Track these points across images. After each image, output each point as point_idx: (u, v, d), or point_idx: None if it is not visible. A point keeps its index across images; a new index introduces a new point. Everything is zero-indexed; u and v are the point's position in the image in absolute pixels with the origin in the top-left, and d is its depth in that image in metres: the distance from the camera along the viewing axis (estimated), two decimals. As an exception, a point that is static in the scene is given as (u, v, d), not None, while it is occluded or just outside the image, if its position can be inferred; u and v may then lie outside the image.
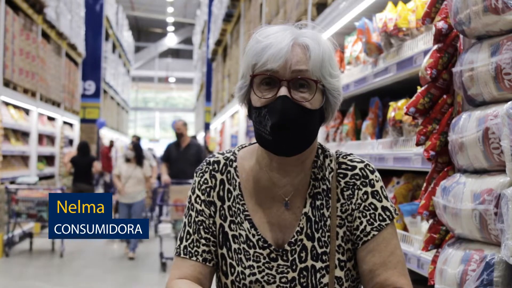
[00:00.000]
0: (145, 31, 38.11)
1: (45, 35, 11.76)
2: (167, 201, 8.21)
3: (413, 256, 2.46)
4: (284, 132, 1.33)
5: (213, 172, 1.46)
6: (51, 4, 11.32)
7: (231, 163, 1.47)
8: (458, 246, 1.89)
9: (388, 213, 1.40)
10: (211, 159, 1.48)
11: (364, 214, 1.40)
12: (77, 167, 10.04)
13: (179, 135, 8.73)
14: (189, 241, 1.42)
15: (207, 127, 20.15)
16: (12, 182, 9.39)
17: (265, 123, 1.34)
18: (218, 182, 1.45)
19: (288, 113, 1.31)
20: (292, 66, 1.32)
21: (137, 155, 8.51)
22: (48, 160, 12.73)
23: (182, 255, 1.42)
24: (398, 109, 2.86)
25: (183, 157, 8.59)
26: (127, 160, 8.54)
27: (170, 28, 35.92)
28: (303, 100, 1.33)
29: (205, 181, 1.46)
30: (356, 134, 3.64)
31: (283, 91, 1.32)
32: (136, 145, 8.66)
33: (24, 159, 10.82)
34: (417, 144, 2.21)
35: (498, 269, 1.63)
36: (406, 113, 2.22)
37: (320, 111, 1.37)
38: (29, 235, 9.00)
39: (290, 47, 1.32)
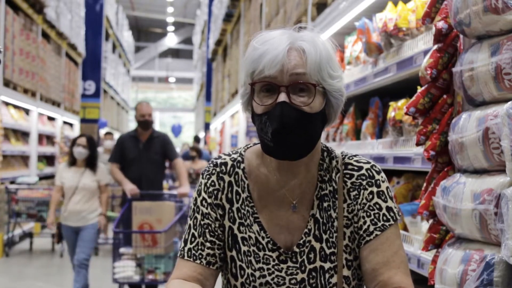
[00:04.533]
0: (145, 31, 38.11)
1: (45, 35, 11.77)
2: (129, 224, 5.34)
3: (413, 256, 2.46)
4: (285, 137, 1.32)
5: (220, 174, 1.45)
6: (51, 4, 11.32)
7: (238, 164, 1.46)
8: (458, 246, 1.89)
9: (392, 214, 1.41)
10: (218, 161, 1.47)
11: (368, 213, 1.40)
12: None
13: (146, 124, 5.88)
14: (194, 244, 1.42)
15: (207, 127, 20.18)
16: (12, 182, 9.40)
17: (266, 130, 1.33)
18: (226, 185, 1.45)
19: (287, 119, 1.31)
20: (290, 70, 1.31)
21: (91, 155, 5.68)
22: (48, 160, 12.75)
23: (186, 258, 1.42)
24: (398, 109, 2.86)
25: (145, 156, 5.87)
26: (72, 163, 5.66)
27: (170, 28, 35.92)
28: (303, 105, 1.32)
29: (212, 184, 1.45)
30: (356, 134, 3.64)
31: (282, 97, 1.31)
32: (91, 140, 5.74)
33: (24, 159, 10.82)
34: (417, 144, 2.21)
35: (498, 269, 1.63)
36: (406, 113, 2.22)
37: (322, 113, 1.37)
38: (29, 235, 9.01)
39: (286, 52, 1.31)
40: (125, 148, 5.89)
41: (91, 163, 5.67)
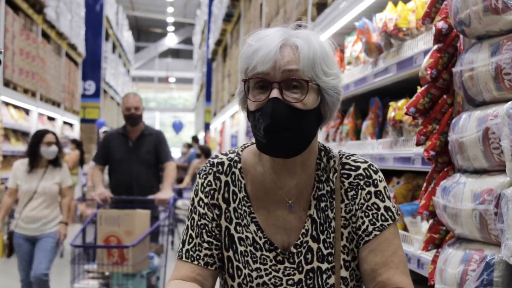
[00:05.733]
0: (145, 31, 38.11)
1: (45, 35, 11.77)
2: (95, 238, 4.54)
3: (413, 256, 2.46)
4: (277, 134, 1.32)
5: (217, 174, 1.45)
6: (51, 4, 11.32)
7: (235, 164, 1.46)
8: (458, 246, 1.89)
9: (390, 214, 1.40)
10: (215, 160, 1.47)
11: (366, 214, 1.40)
12: None
13: (132, 119, 5.04)
14: (191, 244, 1.42)
15: (207, 127, 20.17)
16: (12, 182, 9.38)
17: (259, 127, 1.33)
18: (222, 184, 1.44)
19: (279, 115, 1.30)
20: (282, 66, 1.31)
21: (59, 153, 4.93)
22: (48, 160, 12.73)
23: (184, 259, 1.42)
24: (398, 109, 2.86)
25: (135, 157, 5.06)
26: (32, 165, 4.87)
27: (170, 28, 35.92)
28: (295, 101, 1.31)
29: (209, 183, 1.45)
30: (356, 134, 3.64)
31: (274, 93, 1.31)
32: (56, 136, 5.00)
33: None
34: (417, 144, 2.21)
35: (498, 269, 1.63)
36: (406, 113, 2.22)
37: (317, 110, 1.36)
38: (29, 235, 8.99)
39: (278, 49, 1.31)
40: (111, 147, 5.11)
41: (55, 160, 4.88)
